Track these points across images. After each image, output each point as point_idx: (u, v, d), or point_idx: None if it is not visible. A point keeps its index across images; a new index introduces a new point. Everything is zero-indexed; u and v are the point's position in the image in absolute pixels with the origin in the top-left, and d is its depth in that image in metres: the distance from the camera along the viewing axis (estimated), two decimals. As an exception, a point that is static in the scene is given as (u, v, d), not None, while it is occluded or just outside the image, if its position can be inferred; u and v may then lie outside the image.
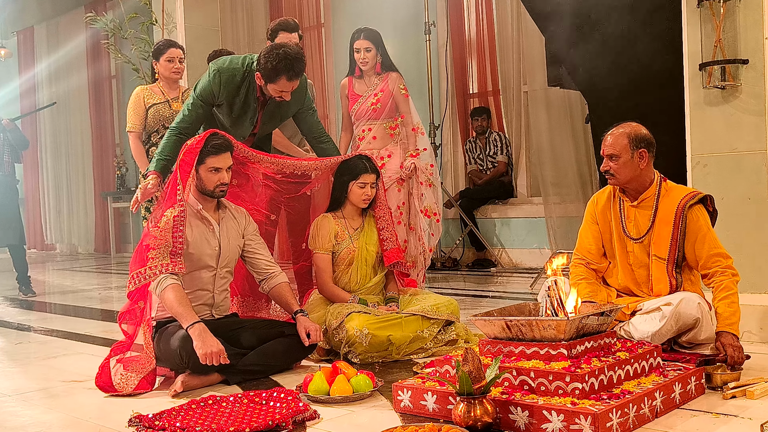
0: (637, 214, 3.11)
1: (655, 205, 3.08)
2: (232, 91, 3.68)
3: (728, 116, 3.55)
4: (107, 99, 11.81)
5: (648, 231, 3.08)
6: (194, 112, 3.69)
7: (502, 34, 7.41)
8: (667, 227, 3.03)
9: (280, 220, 4.03)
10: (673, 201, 3.04)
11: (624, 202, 3.15)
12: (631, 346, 2.67)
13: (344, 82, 4.78)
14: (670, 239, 3.03)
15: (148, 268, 3.12)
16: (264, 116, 3.82)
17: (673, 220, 3.02)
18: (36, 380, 3.41)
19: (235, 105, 3.71)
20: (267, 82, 3.57)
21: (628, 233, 3.13)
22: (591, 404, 2.25)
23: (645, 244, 3.09)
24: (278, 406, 2.64)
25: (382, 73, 4.68)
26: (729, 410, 2.48)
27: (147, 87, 4.90)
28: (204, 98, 3.69)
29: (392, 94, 4.65)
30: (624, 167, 3.03)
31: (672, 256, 3.03)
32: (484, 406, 2.28)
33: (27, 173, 12.85)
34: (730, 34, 3.50)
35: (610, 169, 3.05)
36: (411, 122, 4.70)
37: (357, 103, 4.67)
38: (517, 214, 7.29)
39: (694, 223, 3.01)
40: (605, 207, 3.21)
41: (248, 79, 3.67)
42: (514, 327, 2.56)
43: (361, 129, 4.67)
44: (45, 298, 6.64)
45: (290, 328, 3.31)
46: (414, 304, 3.65)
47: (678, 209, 3.02)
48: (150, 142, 4.78)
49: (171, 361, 3.12)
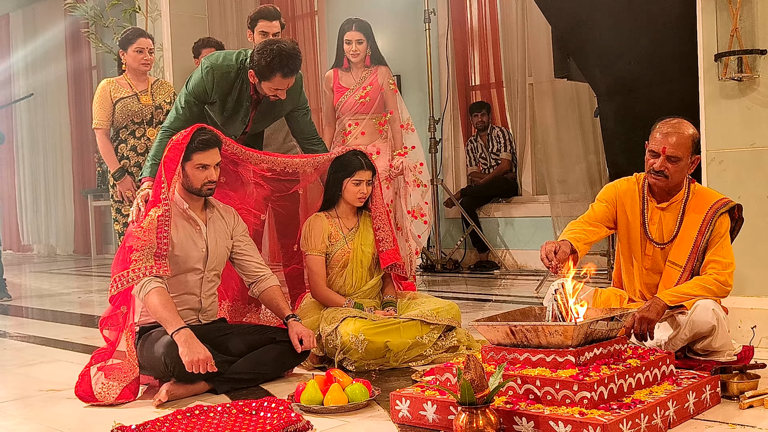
0: (662, 217, 3.08)
1: (682, 209, 3.05)
2: (225, 89, 3.69)
3: (745, 110, 3.56)
4: (87, 91, 11.77)
5: (673, 237, 3.04)
6: (188, 112, 3.69)
7: (506, 23, 7.42)
8: (691, 233, 3.01)
9: (269, 220, 4.03)
10: (702, 207, 3.01)
11: (649, 202, 3.11)
12: (642, 353, 2.67)
13: (329, 74, 4.82)
14: (692, 246, 3.00)
15: (131, 271, 3.12)
16: (257, 116, 3.83)
17: (699, 226, 3.00)
18: (12, 389, 3.41)
19: (227, 104, 3.72)
20: (261, 80, 3.58)
21: (651, 236, 3.09)
22: (600, 414, 2.25)
23: (666, 249, 3.07)
24: (269, 416, 2.64)
25: (372, 67, 4.72)
26: (746, 421, 2.49)
27: (113, 80, 4.85)
28: (197, 95, 3.70)
29: (381, 88, 4.69)
30: (681, 171, 2.99)
31: (689, 265, 3.01)
32: (487, 417, 2.28)
33: (2, 170, 12.84)
34: (747, 22, 3.51)
35: (666, 171, 2.97)
36: (398, 119, 4.74)
37: (343, 96, 4.70)
38: (521, 214, 7.30)
39: (717, 229, 2.99)
40: (627, 200, 3.13)
41: (242, 77, 3.68)
42: (519, 333, 2.56)
43: (347, 123, 4.71)
44: (21, 302, 6.63)
45: (282, 334, 3.32)
46: (413, 308, 3.65)
47: (707, 216, 2.99)
48: (118, 139, 4.75)
49: (155, 369, 3.12)
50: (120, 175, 4.67)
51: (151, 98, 4.74)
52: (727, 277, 2.95)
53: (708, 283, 2.93)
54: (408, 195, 4.71)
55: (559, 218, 6.81)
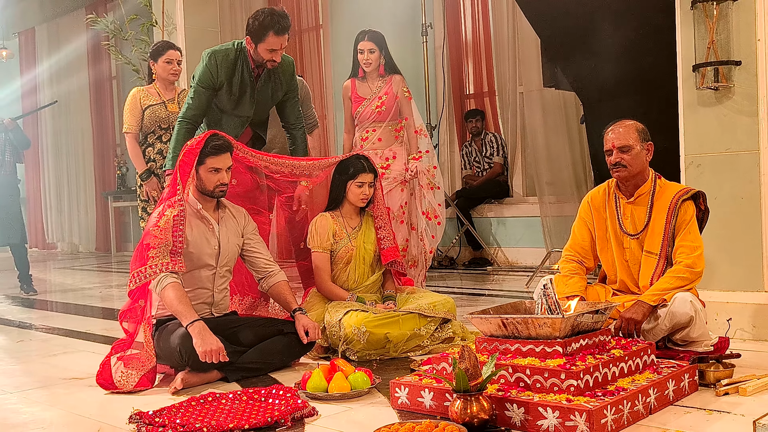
0: (633, 210, 3.12)
1: (650, 202, 3.08)
2: (230, 69, 3.79)
3: (721, 117, 3.56)
4: (108, 99, 11.80)
5: (645, 227, 3.08)
6: (197, 100, 3.80)
7: (498, 36, 7.42)
8: (660, 223, 3.04)
9: (278, 220, 4.03)
10: (667, 197, 3.05)
11: (620, 199, 3.15)
12: (625, 343, 2.68)
13: (347, 84, 4.77)
14: (662, 234, 3.03)
15: (149, 267, 3.12)
16: (260, 92, 3.89)
17: (666, 215, 3.03)
18: (37, 378, 3.41)
19: (233, 84, 3.81)
20: (257, 42, 3.69)
21: (625, 229, 3.13)
22: (586, 401, 2.25)
23: (641, 239, 3.10)
24: (277, 403, 2.64)
25: (386, 76, 4.67)
26: (722, 407, 2.49)
27: (143, 88, 4.91)
28: (204, 83, 3.79)
29: (396, 96, 4.65)
30: (636, 159, 3.03)
31: (663, 252, 3.04)
32: (480, 403, 2.28)
33: (28, 173, 12.83)
34: (723, 35, 3.51)
35: (622, 161, 3.03)
36: (413, 125, 4.70)
37: (361, 106, 4.67)
38: (512, 214, 7.30)
39: (682, 216, 3.02)
40: (600, 204, 3.22)
41: (241, 57, 3.80)
42: (510, 325, 2.56)
43: (365, 130, 4.67)
44: (46, 297, 6.63)
45: (289, 326, 3.32)
46: (411, 302, 3.65)
47: (671, 204, 3.03)
48: (146, 143, 4.79)
49: (171, 359, 3.12)
50: (147, 176, 4.70)
51: (177, 106, 4.75)
52: (695, 259, 2.96)
53: (680, 272, 2.94)
54: (423, 197, 4.69)
55: (547, 218, 6.81)
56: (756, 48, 3.45)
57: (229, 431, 2.41)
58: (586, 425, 2.18)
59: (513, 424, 2.32)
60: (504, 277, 6.52)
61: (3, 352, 4.09)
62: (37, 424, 2.65)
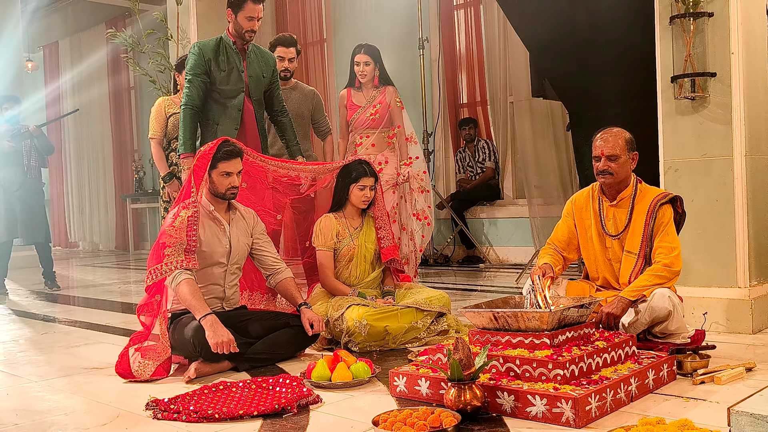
0: (615, 212, 3.12)
1: (631, 205, 3.08)
2: (213, 50, 3.95)
3: (698, 125, 3.56)
4: (126, 108, 11.80)
5: (625, 228, 3.08)
6: (193, 87, 3.94)
7: (489, 49, 7.42)
8: (640, 224, 3.04)
9: (286, 220, 4.04)
10: (646, 201, 3.05)
11: (603, 202, 3.15)
12: (608, 335, 2.67)
13: (343, 93, 4.79)
14: (642, 235, 3.03)
15: (164, 264, 3.12)
16: (249, 67, 4.01)
17: (645, 217, 3.03)
18: (60, 367, 3.41)
19: (220, 61, 3.94)
20: (237, 11, 3.87)
21: (607, 230, 3.13)
22: (572, 389, 2.25)
23: (621, 240, 3.10)
24: (284, 391, 2.64)
25: (380, 87, 4.69)
26: (698, 395, 2.49)
27: (168, 98, 4.99)
28: (195, 69, 3.93)
29: (389, 106, 4.67)
30: (622, 167, 3.03)
31: (642, 252, 3.04)
32: (473, 391, 2.28)
33: (52, 176, 12.84)
34: (699, 49, 3.51)
35: (609, 168, 3.02)
36: (404, 133, 4.72)
37: (356, 113, 4.68)
38: (503, 215, 7.30)
39: (660, 219, 3.02)
40: (584, 206, 3.21)
41: (223, 42, 3.98)
42: (501, 318, 2.56)
43: (359, 136, 4.69)
44: (69, 292, 6.63)
45: (295, 319, 3.32)
46: (409, 297, 3.65)
47: (650, 207, 3.03)
48: (170, 148, 4.85)
49: (185, 350, 3.12)
50: (169, 179, 4.73)
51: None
52: (673, 259, 2.95)
53: (658, 271, 2.94)
54: (414, 200, 4.70)
55: (535, 219, 6.81)
56: (730, 61, 3.46)
57: (239, 417, 2.41)
58: (572, 412, 2.18)
59: (504, 411, 2.32)
60: (495, 274, 6.52)
61: (28, 344, 4.09)
62: (60, 411, 2.65)
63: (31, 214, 6.41)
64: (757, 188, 3.58)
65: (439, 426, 2.15)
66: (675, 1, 3.50)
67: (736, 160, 3.47)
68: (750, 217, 3.50)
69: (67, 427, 2.43)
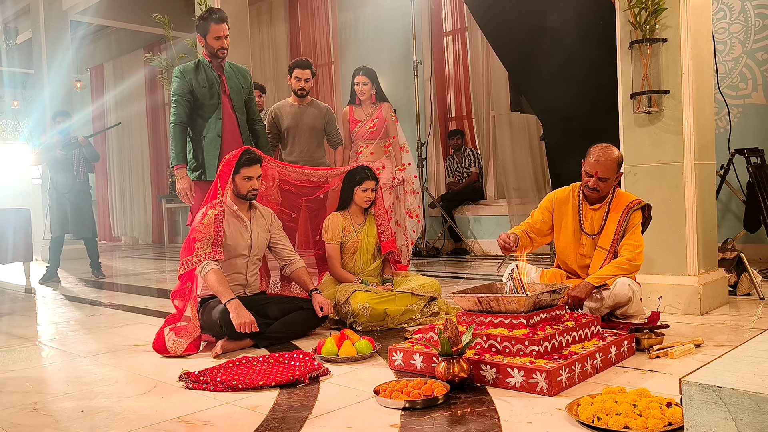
0: (593, 214, 3.08)
1: (608, 208, 3.04)
2: (192, 71, 3.89)
3: (653, 135, 3.56)
4: (161, 121, 11.80)
5: (601, 229, 3.06)
6: (180, 105, 3.85)
7: (474, 70, 7.42)
8: (613, 225, 3.02)
9: (300, 218, 4.04)
10: (621, 205, 3.02)
11: (583, 204, 3.11)
12: (576, 317, 2.68)
13: (346, 110, 4.82)
14: (613, 235, 3.01)
15: (195, 256, 3.12)
16: (228, 80, 3.96)
17: (618, 220, 3.00)
18: (105, 344, 3.42)
19: (200, 80, 3.87)
20: (205, 34, 3.83)
21: (585, 230, 3.09)
22: (545, 363, 2.25)
23: (595, 238, 3.08)
24: (297, 364, 2.64)
25: (377, 103, 4.71)
26: (654, 367, 2.49)
27: None
28: (179, 90, 3.86)
29: (385, 120, 4.69)
30: (608, 186, 3.00)
31: (612, 248, 3.02)
32: (460, 365, 2.29)
33: (98, 180, 12.84)
34: (654, 70, 3.51)
35: (598, 187, 2.97)
36: (398, 142, 4.76)
37: (357, 126, 4.71)
38: (486, 213, 7.30)
39: (631, 222, 3.00)
40: (563, 203, 3.15)
41: (201, 63, 3.92)
42: (484, 302, 2.57)
43: (360, 146, 4.72)
44: (112, 280, 6.64)
45: (307, 303, 3.32)
46: (405, 284, 3.65)
47: (624, 212, 3.00)
48: None
49: (212, 330, 3.12)
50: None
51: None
52: (636, 255, 2.94)
53: (621, 264, 2.93)
54: (407, 200, 4.72)
55: (514, 216, 6.82)
56: (681, 80, 3.46)
57: (259, 387, 2.42)
58: (546, 382, 2.18)
59: (487, 381, 2.32)
60: (479, 264, 6.52)
61: (78, 324, 4.09)
62: (105, 382, 2.66)
63: (80, 213, 6.41)
64: (705, 190, 3.58)
65: (431, 394, 2.15)
66: (634, 29, 3.50)
67: (687, 166, 3.48)
68: (698, 215, 3.50)
69: (111, 396, 2.44)
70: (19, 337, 3.72)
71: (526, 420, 1.96)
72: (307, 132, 4.48)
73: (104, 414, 2.22)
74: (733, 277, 3.93)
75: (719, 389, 1.37)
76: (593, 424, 1.87)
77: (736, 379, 1.41)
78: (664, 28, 3.47)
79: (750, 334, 2.98)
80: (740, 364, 1.52)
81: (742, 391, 1.34)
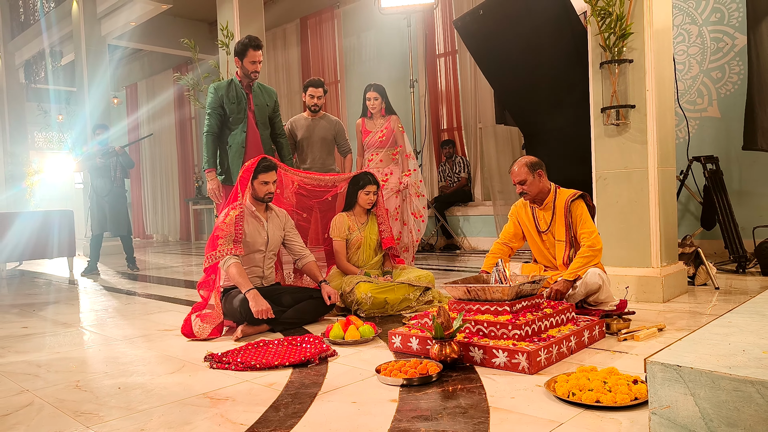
0: (543, 214, 3.10)
1: (553, 206, 3.06)
2: (224, 87, 3.97)
3: (621, 145, 3.56)
4: (189, 134, 11.80)
5: (550, 224, 3.07)
6: (212, 117, 3.95)
7: (463, 87, 7.41)
8: (561, 219, 3.03)
9: (313, 217, 4.04)
10: (561, 201, 3.04)
11: (535, 208, 3.14)
12: (554, 304, 2.68)
13: (359, 122, 4.81)
14: (564, 226, 3.03)
15: (218, 251, 3.12)
16: (255, 98, 4.01)
17: (563, 212, 3.02)
18: (139, 329, 3.42)
19: (231, 97, 3.95)
20: (241, 58, 3.88)
21: (540, 228, 3.12)
22: (526, 345, 2.26)
23: (551, 232, 3.09)
24: (308, 347, 2.64)
25: (386, 116, 4.70)
26: (622, 349, 2.49)
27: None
28: (212, 104, 3.94)
29: (393, 131, 4.68)
30: (531, 186, 3.02)
31: (568, 238, 3.03)
32: (452, 347, 2.29)
33: (133, 185, 12.84)
34: (622, 87, 3.51)
35: (524, 190, 3.03)
36: (405, 151, 4.73)
37: (368, 137, 4.70)
38: (474, 213, 7.30)
39: (575, 212, 3.01)
40: (522, 210, 3.20)
41: (233, 82, 3.99)
42: (473, 291, 2.57)
43: (371, 154, 4.70)
44: (145, 272, 6.63)
45: (317, 292, 3.32)
46: (403, 276, 3.65)
47: (565, 205, 3.01)
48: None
49: (234, 316, 3.12)
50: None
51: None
52: (593, 240, 2.92)
53: (584, 253, 2.92)
54: (412, 202, 4.71)
55: (498, 216, 6.81)
56: (645, 96, 3.46)
57: (274, 367, 2.42)
58: (527, 362, 2.18)
59: (475, 361, 2.32)
60: (468, 258, 6.52)
61: (115, 312, 4.10)
62: (139, 362, 2.66)
63: (117, 213, 6.42)
64: (666, 192, 3.58)
65: (426, 373, 2.15)
66: (604, 51, 3.50)
67: (650, 171, 3.47)
68: (660, 215, 3.50)
69: (144, 374, 2.44)
70: (63, 323, 3.73)
71: (510, 395, 1.96)
72: (319, 142, 4.50)
73: (139, 390, 2.22)
74: (691, 270, 3.92)
75: (679, 368, 1.37)
76: (568, 399, 1.87)
77: (694, 359, 1.41)
78: (631, 50, 3.47)
79: (707, 319, 2.98)
80: (698, 345, 1.52)
81: (699, 370, 1.34)
